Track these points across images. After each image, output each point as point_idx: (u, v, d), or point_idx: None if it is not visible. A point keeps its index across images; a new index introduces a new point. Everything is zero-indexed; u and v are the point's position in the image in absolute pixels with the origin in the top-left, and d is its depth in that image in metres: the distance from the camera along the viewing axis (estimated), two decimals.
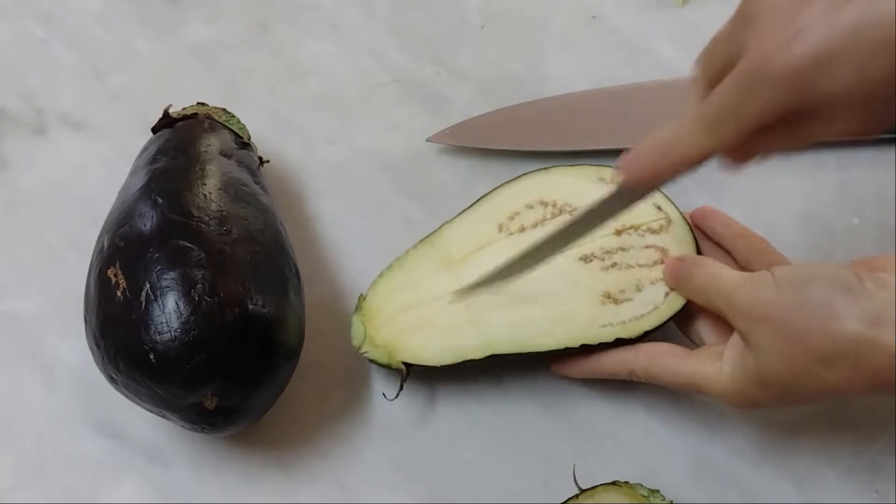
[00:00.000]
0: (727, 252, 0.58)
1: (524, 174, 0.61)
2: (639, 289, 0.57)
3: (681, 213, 0.59)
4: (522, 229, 0.59)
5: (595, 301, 0.57)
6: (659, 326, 0.56)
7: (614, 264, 0.58)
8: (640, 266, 0.58)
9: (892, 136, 0.65)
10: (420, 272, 0.59)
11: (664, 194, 0.59)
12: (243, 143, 0.62)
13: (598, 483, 0.54)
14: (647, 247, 0.58)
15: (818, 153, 0.66)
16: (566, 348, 0.57)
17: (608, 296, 0.57)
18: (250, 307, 0.52)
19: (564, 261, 0.58)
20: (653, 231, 0.59)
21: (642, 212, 0.59)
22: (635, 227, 0.59)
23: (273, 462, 0.58)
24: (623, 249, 0.58)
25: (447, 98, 0.69)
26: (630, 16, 0.72)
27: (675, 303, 0.56)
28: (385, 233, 0.64)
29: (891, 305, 0.46)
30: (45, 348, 0.61)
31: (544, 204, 0.60)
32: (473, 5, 0.72)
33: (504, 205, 0.60)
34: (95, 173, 0.66)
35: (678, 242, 0.58)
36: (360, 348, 0.57)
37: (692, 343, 0.56)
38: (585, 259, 0.58)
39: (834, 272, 0.49)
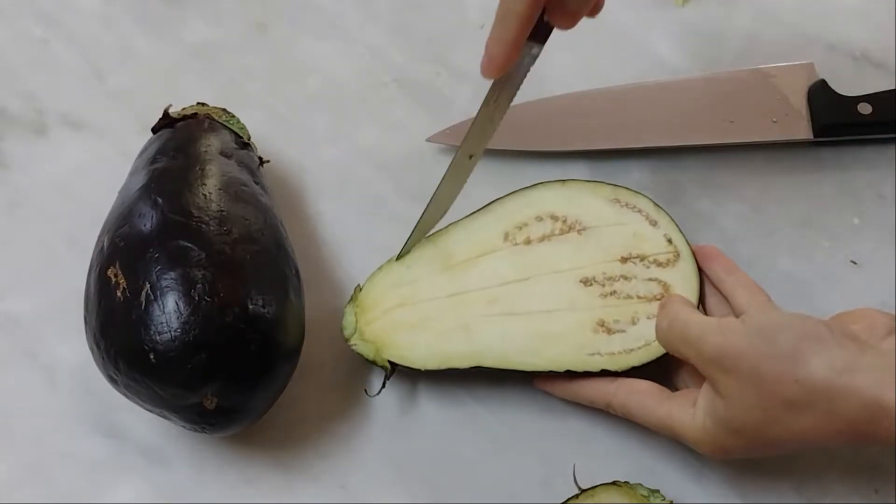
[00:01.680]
0: (725, 298, 0.57)
1: (540, 183, 0.60)
2: (634, 322, 0.56)
3: (691, 249, 0.58)
4: (528, 241, 0.59)
5: (588, 327, 0.56)
6: (647, 364, 0.56)
7: (613, 292, 0.57)
8: (638, 298, 0.57)
9: (893, 136, 0.65)
10: (420, 270, 0.59)
11: (678, 227, 0.59)
12: (243, 143, 0.62)
13: (598, 483, 0.54)
14: (650, 279, 0.57)
15: (818, 153, 0.66)
16: (550, 371, 0.56)
17: (602, 324, 0.56)
18: (250, 307, 0.52)
19: (564, 281, 0.57)
20: (659, 264, 0.58)
21: (652, 242, 0.58)
22: (642, 258, 0.58)
23: (273, 462, 0.58)
24: (625, 278, 0.57)
25: (447, 98, 0.69)
26: (630, 15, 0.72)
27: None
28: (385, 233, 0.64)
29: (861, 355, 0.46)
30: (45, 348, 0.61)
31: (554, 218, 0.59)
32: (473, 5, 0.72)
33: (515, 212, 0.60)
34: (95, 173, 0.66)
35: (682, 280, 0.57)
36: (348, 340, 0.57)
37: (676, 386, 0.56)
38: (586, 282, 0.57)
39: (804, 321, 0.49)
